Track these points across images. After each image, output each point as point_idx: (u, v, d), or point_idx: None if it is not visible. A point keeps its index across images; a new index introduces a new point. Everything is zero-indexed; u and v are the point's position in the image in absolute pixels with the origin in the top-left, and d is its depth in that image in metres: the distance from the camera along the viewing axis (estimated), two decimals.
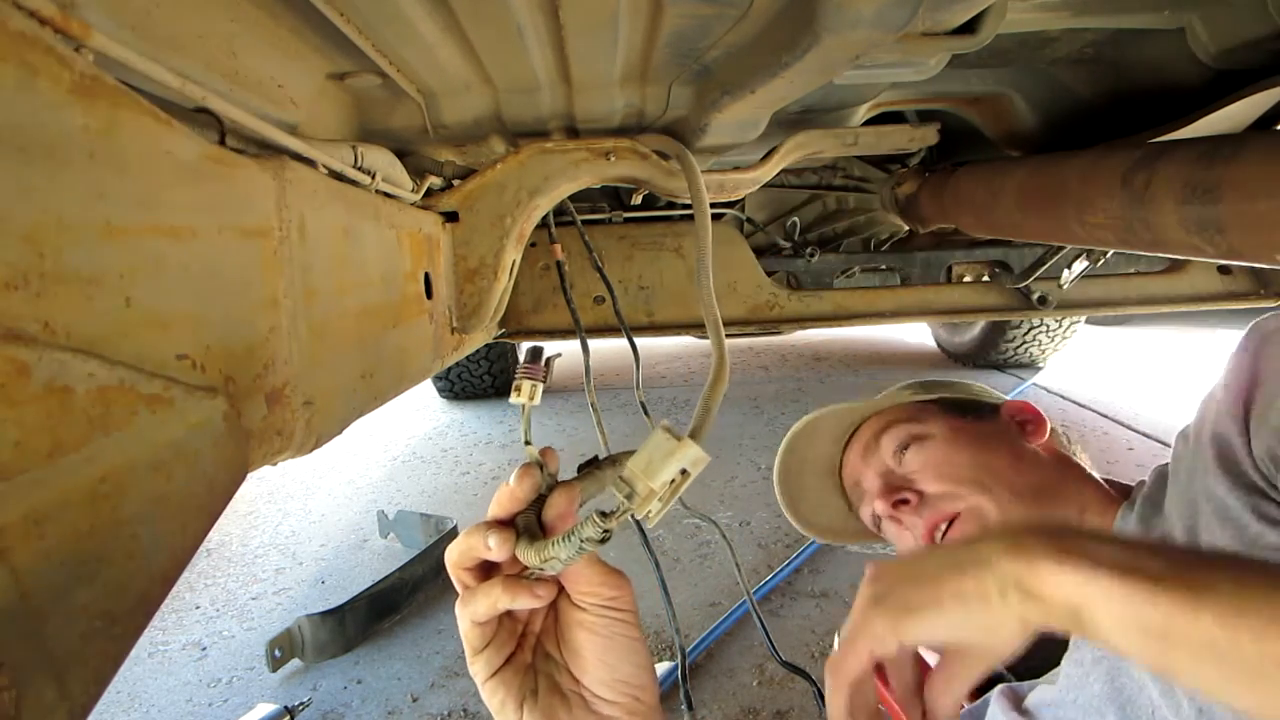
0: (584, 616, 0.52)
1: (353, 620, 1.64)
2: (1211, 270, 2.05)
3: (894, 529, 0.85)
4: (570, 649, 0.53)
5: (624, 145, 1.12)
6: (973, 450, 0.82)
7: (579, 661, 0.52)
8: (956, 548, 0.48)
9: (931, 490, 0.81)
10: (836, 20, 0.63)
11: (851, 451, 0.94)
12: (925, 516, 0.79)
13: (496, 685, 0.51)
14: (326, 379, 0.63)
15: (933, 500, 0.80)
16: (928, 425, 0.87)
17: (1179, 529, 0.63)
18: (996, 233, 1.55)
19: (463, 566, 0.50)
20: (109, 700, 1.52)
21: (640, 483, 0.42)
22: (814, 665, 1.42)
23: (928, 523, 0.78)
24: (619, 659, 0.51)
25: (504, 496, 0.50)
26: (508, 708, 0.51)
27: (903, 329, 5.20)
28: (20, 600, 0.27)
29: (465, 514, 2.30)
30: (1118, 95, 1.26)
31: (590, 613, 0.51)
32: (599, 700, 0.52)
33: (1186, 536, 0.62)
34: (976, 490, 0.78)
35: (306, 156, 0.66)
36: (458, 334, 1.12)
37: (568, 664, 0.53)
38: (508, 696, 0.51)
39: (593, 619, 0.51)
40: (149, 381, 0.37)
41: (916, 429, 0.87)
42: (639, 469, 0.42)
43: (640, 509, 0.42)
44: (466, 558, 0.50)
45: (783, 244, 2.15)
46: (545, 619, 0.54)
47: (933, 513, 0.79)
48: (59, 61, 0.34)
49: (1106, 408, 3.11)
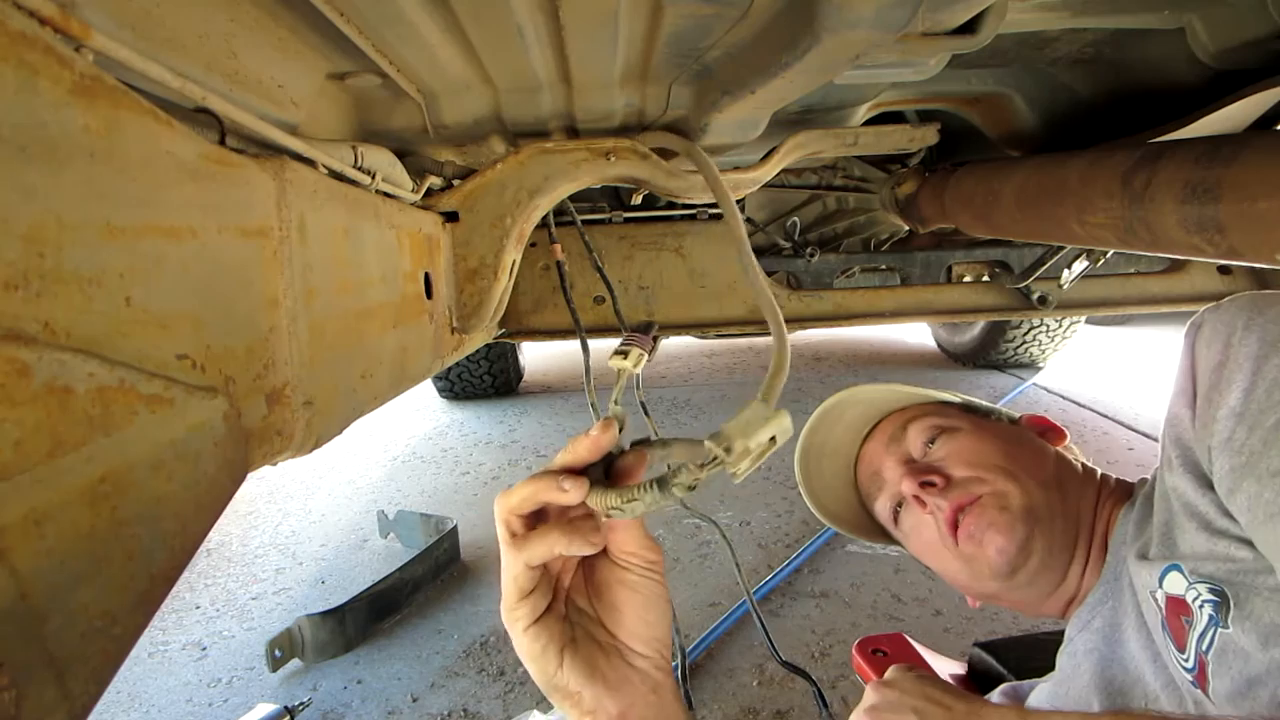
0: (627, 575, 0.55)
1: (353, 620, 1.64)
2: (1211, 270, 2.05)
3: (913, 517, 0.84)
4: (607, 605, 0.56)
5: (624, 145, 1.12)
6: (999, 443, 0.82)
7: (616, 616, 0.55)
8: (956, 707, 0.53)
9: (959, 474, 0.81)
10: (836, 20, 0.63)
11: (872, 442, 0.94)
12: (951, 499, 0.79)
13: (539, 631, 0.53)
14: (326, 379, 0.63)
15: (960, 483, 0.80)
16: (954, 420, 0.88)
17: (1158, 528, 0.65)
18: (996, 233, 1.55)
19: (520, 513, 0.52)
20: (109, 700, 1.52)
21: (738, 441, 0.45)
22: (814, 665, 1.42)
23: (953, 504, 0.78)
24: (657, 616, 0.55)
25: (582, 445, 0.51)
26: (549, 653, 0.53)
27: (903, 329, 5.20)
28: (20, 600, 0.27)
29: (465, 514, 2.30)
30: (1118, 95, 1.26)
31: (633, 572, 0.55)
32: (633, 653, 0.55)
33: (1163, 533, 0.64)
34: (1002, 476, 0.78)
35: (306, 156, 0.66)
36: (458, 334, 1.13)
37: (602, 619, 0.56)
38: (549, 642, 0.53)
39: (635, 578, 0.55)
40: (149, 381, 0.37)
41: (944, 422, 0.88)
42: (736, 430, 0.46)
43: (734, 465, 0.46)
44: (529, 502, 0.51)
45: (783, 244, 2.15)
46: (575, 575, 0.57)
47: (959, 494, 0.79)
48: (59, 61, 0.34)
49: (1106, 408, 3.11)
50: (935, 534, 0.81)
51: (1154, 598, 0.63)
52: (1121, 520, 0.74)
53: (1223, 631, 0.55)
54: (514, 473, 2.68)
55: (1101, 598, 0.73)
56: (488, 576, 1.91)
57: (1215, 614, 0.56)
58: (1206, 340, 0.59)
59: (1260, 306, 0.57)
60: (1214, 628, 0.56)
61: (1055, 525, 0.76)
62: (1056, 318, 3.17)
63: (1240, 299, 0.60)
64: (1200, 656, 0.57)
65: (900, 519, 0.88)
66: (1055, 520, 0.76)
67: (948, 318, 2.08)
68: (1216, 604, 0.56)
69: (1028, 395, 3.36)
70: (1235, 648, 0.54)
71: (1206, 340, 0.59)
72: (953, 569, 0.81)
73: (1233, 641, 0.54)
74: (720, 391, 3.70)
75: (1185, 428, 0.59)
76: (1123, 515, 0.74)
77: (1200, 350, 0.60)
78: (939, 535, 0.80)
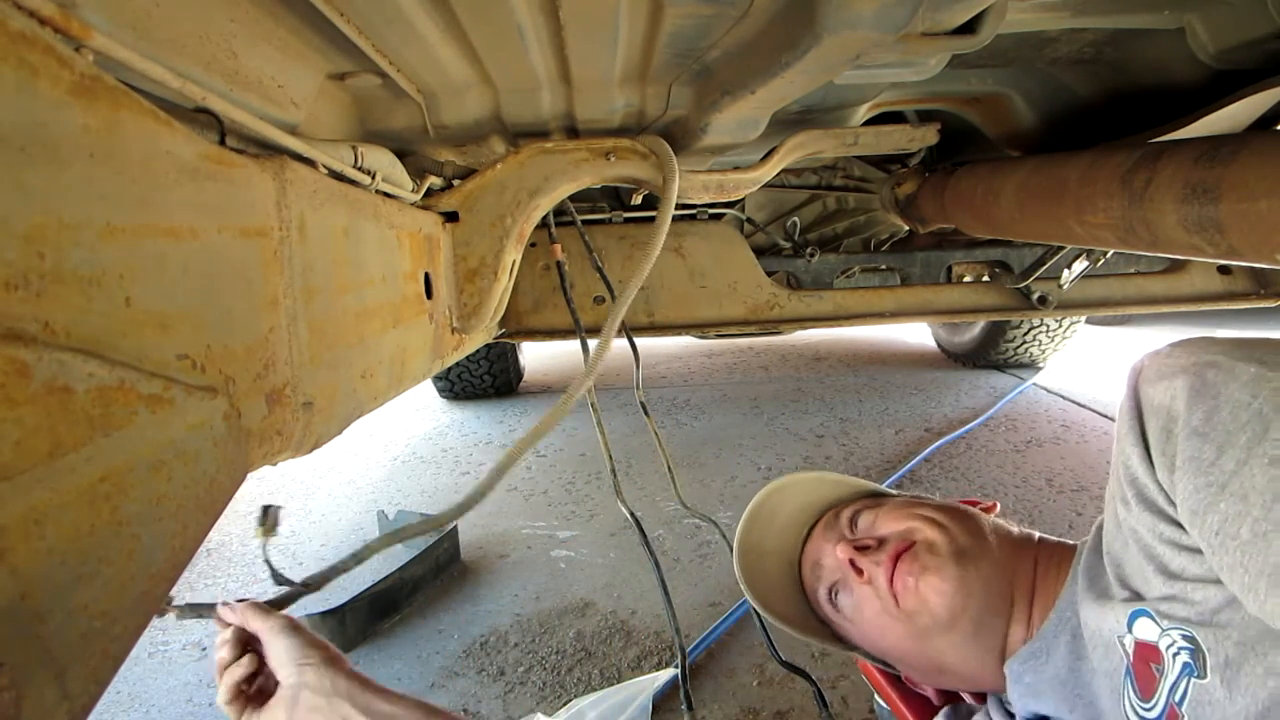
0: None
1: (353, 620, 1.64)
2: (1211, 270, 2.05)
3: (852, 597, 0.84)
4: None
5: (624, 145, 1.12)
6: (925, 505, 0.84)
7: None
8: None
9: (888, 531, 0.82)
10: (837, 20, 0.63)
11: (812, 540, 0.95)
12: (887, 552, 0.79)
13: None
14: (326, 379, 0.63)
15: (892, 538, 0.81)
16: (881, 500, 0.90)
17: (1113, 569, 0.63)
18: (996, 233, 1.55)
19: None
20: (109, 700, 1.52)
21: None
22: (814, 665, 1.42)
23: (890, 554, 0.78)
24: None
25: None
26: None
27: (903, 329, 5.19)
28: (20, 600, 0.27)
29: (465, 514, 2.31)
30: (1118, 95, 1.26)
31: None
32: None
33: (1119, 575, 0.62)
34: (929, 525, 0.79)
35: (306, 156, 0.66)
36: (458, 334, 1.13)
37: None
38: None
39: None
40: (149, 381, 0.37)
41: (871, 502, 0.90)
42: None
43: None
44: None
45: (783, 244, 2.16)
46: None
47: (893, 545, 0.79)
48: (59, 61, 0.34)
49: (1106, 408, 3.11)
50: (876, 605, 0.79)
51: (1121, 644, 0.61)
52: (1070, 578, 0.72)
53: (1198, 681, 0.53)
54: (514, 472, 2.68)
55: (1035, 651, 0.71)
56: (488, 576, 1.92)
57: (1191, 661, 0.54)
58: (1151, 380, 0.58)
59: (1204, 345, 0.56)
60: (1188, 676, 0.54)
61: (988, 570, 0.75)
62: (1056, 318, 3.17)
63: (1181, 342, 0.59)
64: (1171, 707, 0.56)
65: (839, 603, 0.86)
66: (987, 563, 0.75)
67: (948, 318, 2.08)
68: (1192, 651, 0.54)
69: (1028, 395, 3.36)
70: (1212, 699, 0.52)
71: (1151, 380, 0.58)
72: (899, 641, 0.79)
73: (1209, 693, 0.53)
74: (720, 391, 3.70)
75: (1137, 463, 0.57)
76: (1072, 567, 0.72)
77: (1146, 390, 0.58)
78: (880, 604, 0.79)
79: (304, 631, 0.75)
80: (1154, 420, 0.57)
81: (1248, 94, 1.05)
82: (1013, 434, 2.81)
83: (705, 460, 2.66)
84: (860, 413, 3.20)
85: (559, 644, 1.57)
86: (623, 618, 1.66)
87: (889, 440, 2.80)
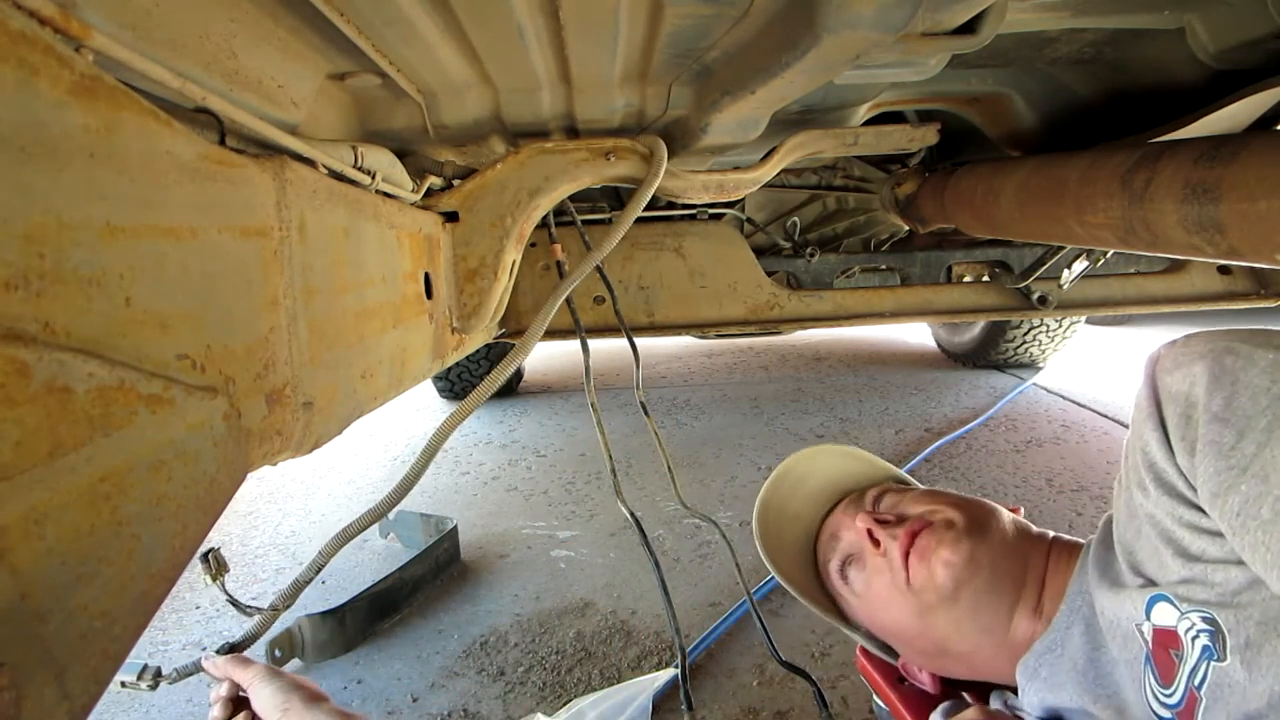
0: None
1: (353, 620, 1.64)
2: (1211, 270, 2.05)
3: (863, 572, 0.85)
4: None
5: (624, 145, 1.12)
6: (951, 495, 0.86)
7: None
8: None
9: (912, 511, 0.84)
10: (836, 20, 0.63)
11: (833, 515, 0.97)
12: (905, 528, 0.80)
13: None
14: (326, 379, 0.63)
15: (913, 516, 0.82)
16: (907, 487, 0.93)
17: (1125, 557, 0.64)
18: (996, 233, 1.55)
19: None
20: (109, 700, 1.52)
21: None
22: (814, 665, 1.42)
23: (908, 530, 0.80)
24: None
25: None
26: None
27: (903, 329, 5.19)
28: (20, 600, 0.27)
29: (465, 514, 2.30)
30: (1118, 95, 1.26)
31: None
32: None
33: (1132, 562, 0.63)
34: (951, 506, 0.81)
35: (306, 156, 0.66)
36: (458, 334, 1.13)
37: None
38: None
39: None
40: (149, 381, 0.37)
41: (899, 485, 0.93)
42: None
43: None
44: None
45: (783, 244, 2.16)
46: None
47: (913, 522, 0.81)
48: (59, 61, 0.34)
49: (1106, 408, 3.11)
50: (886, 578, 0.81)
51: (1140, 631, 0.61)
52: (1079, 568, 0.72)
53: (1218, 665, 0.53)
54: (514, 473, 2.68)
55: (1049, 645, 0.71)
56: (488, 576, 1.92)
57: (1211, 644, 0.54)
58: (1168, 369, 0.58)
59: (1221, 334, 0.57)
60: (1208, 660, 0.54)
61: (999, 551, 0.76)
62: (1056, 318, 3.17)
63: (1197, 333, 0.59)
64: (1191, 691, 0.56)
65: (849, 576, 0.88)
66: (1000, 545, 0.77)
67: (948, 318, 2.08)
68: (1212, 633, 0.54)
69: (1028, 395, 3.36)
70: (1232, 682, 0.52)
71: (1168, 369, 0.58)
72: (902, 616, 0.81)
73: (1229, 675, 0.53)
74: (720, 391, 3.70)
75: (1156, 448, 0.58)
76: (1080, 559, 0.73)
77: (1163, 378, 0.58)
78: (890, 577, 0.80)
79: (284, 676, 0.79)
80: (1173, 406, 0.57)
81: (1248, 94, 1.05)
82: (1013, 434, 2.81)
83: (705, 460, 2.66)
84: (860, 413, 3.20)
85: (559, 644, 1.57)
86: (623, 618, 1.65)
87: (889, 440, 2.80)
